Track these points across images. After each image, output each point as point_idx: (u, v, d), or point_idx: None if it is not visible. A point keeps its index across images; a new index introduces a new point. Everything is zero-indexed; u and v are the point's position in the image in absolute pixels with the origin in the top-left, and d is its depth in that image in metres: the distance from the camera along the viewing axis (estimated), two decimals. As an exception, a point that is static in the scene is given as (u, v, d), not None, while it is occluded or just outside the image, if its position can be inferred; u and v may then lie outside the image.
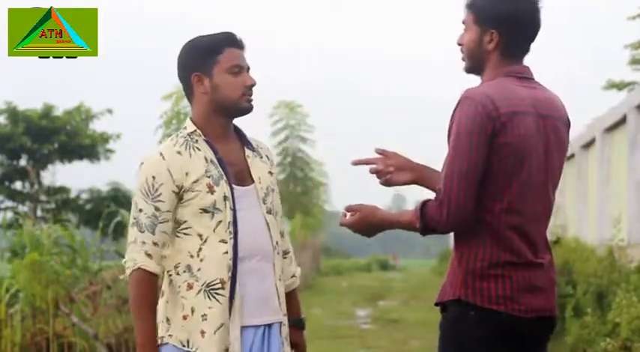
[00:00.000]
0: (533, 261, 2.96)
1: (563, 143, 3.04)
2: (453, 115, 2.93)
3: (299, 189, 31.17)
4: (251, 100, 3.13)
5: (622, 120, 12.03)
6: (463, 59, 3.09)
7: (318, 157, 32.21)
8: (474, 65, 3.06)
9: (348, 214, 3.07)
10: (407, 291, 21.47)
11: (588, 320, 7.50)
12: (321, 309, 16.54)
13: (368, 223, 3.04)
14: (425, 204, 2.88)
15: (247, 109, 3.14)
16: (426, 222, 2.87)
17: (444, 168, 2.87)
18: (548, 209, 3.03)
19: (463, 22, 3.08)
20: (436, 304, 3.03)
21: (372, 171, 3.16)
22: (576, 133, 16.11)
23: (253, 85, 3.13)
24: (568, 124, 3.09)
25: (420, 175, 3.15)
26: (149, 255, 3.02)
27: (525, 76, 3.04)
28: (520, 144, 2.89)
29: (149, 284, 3.02)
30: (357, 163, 3.16)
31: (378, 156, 3.17)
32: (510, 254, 2.91)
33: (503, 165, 2.88)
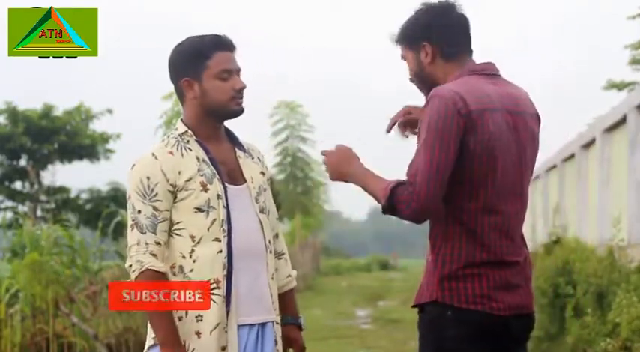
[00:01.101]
0: (510, 260, 2.96)
1: (534, 139, 3.05)
2: (423, 115, 2.94)
3: (299, 189, 31.16)
4: (241, 103, 3.14)
5: (622, 120, 12.02)
6: (421, 90, 3.12)
7: (318, 157, 32.19)
8: (429, 87, 3.06)
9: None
10: (407, 291, 21.45)
11: (588, 320, 7.50)
12: (321, 309, 16.54)
13: (341, 163, 3.05)
14: (397, 185, 2.88)
15: (237, 112, 3.15)
16: (393, 203, 2.87)
17: (415, 160, 2.87)
18: (524, 206, 3.04)
19: (402, 58, 3.13)
20: (414, 306, 3.04)
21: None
22: (576, 133, 16.11)
23: (243, 88, 3.13)
24: (538, 119, 3.09)
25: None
26: (154, 255, 3.01)
27: (490, 73, 3.04)
28: (491, 142, 2.89)
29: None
30: (389, 130, 3.21)
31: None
32: (487, 253, 2.92)
33: (476, 164, 2.89)
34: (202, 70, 3.09)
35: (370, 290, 23.17)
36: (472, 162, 2.88)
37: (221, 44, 3.12)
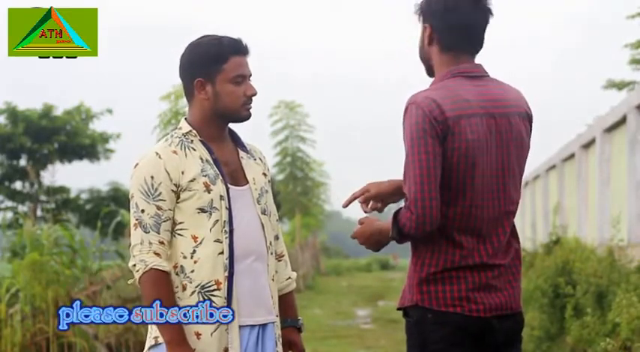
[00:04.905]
0: (491, 263, 2.97)
1: (521, 140, 3.03)
2: (403, 123, 2.94)
3: (299, 189, 31.15)
4: (250, 109, 3.15)
5: (622, 120, 12.02)
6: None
7: (318, 157, 32.21)
8: (426, 66, 3.09)
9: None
10: (407, 291, 21.38)
11: (588, 320, 7.50)
12: (321, 309, 16.53)
13: (369, 234, 3.07)
14: (398, 212, 2.91)
15: (246, 118, 3.16)
16: (399, 228, 2.90)
17: (405, 175, 2.90)
18: (507, 208, 3.02)
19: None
20: (398, 309, 3.06)
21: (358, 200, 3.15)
22: (576, 133, 16.10)
23: (254, 94, 3.14)
24: (528, 118, 3.07)
25: (398, 184, 3.10)
26: (158, 254, 3.01)
27: (475, 75, 3.02)
28: (469, 148, 2.89)
29: (165, 282, 3.01)
30: (346, 205, 3.18)
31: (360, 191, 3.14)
32: (466, 258, 2.93)
33: (455, 171, 2.89)
34: (217, 73, 3.09)
35: (370, 290, 23.16)
36: (450, 169, 2.89)
37: (238, 48, 3.12)
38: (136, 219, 3.03)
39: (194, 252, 3.04)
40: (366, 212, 3.13)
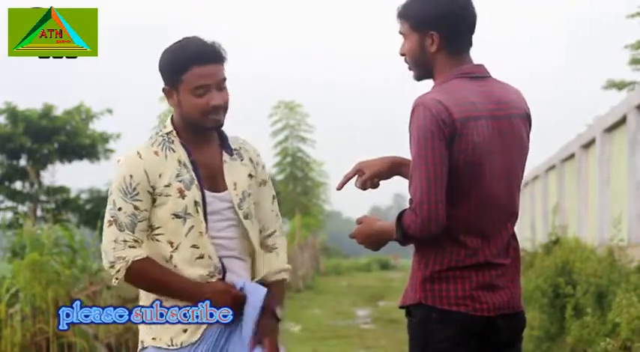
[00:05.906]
0: (494, 262, 2.97)
1: (522, 141, 3.04)
2: (409, 125, 2.94)
3: (299, 189, 31.14)
4: (216, 120, 3.06)
5: (622, 120, 12.02)
6: (410, 68, 3.10)
7: (318, 157, 32.20)
8: (423, 71, 3.07)
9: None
10: (407, 291, 21.33)
11: (588, 320, 7.50)
12: (321, 309, 16.54)
13: (368, 234, 3.08)
14: (402, 213, 2.91)
15: (212, 128, 3.10)
16: (404, 230, 2.90)
17: (412, 177, 2.89)
18: (511, 210, 3.03)
19: (400, 33, 3.08)
20: (401, 307, 3.06)
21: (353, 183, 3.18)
22: (576, 133, 16.10)
23: (218, 105, 3.05)
24: (527, 118, 3.08)
25: (391, 161, 3.14)
26: (133, 247, 3.01)
27: (477, 76, 3.02)
28: (476, 150, 2.89)
29: (152, 266, 3.01)
30: (340, 187, 3.19)
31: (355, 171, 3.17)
32: (470, 257, 2.93)
33: (461, 173, 2.89)
34: (179, 83, 3.05)
35: (370, 290, 23.16)
36: (457, 171, 2.89)
37: (200, 58, 3.02)
38: (112, 216, 3.02)
39: (171, 256, 3.04)
40: (363, 189, 3.14)
